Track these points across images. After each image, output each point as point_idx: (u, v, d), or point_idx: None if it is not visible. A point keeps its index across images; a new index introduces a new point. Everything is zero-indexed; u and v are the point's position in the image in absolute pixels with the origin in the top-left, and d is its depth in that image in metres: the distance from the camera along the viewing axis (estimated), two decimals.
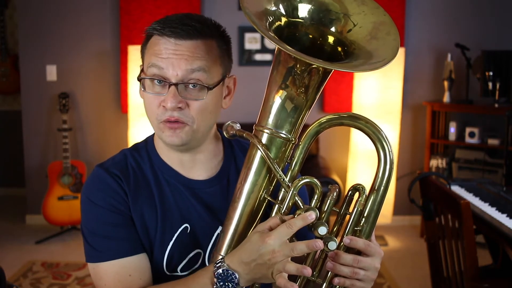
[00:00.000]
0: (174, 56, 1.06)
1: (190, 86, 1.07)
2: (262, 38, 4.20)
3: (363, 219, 0.99)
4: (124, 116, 4.22)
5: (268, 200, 1.04)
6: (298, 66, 0.97)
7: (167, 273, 1.14)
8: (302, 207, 0.96)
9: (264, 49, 4.22)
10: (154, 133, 1.21)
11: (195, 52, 1.06)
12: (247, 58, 4.23)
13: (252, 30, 4.16)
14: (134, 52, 3.83)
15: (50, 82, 4.25)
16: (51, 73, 4.24)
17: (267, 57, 4.23)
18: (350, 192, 1.02)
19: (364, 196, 1.00)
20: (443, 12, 4.25)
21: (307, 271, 0.92)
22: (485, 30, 4.21)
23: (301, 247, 0.93)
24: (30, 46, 4.21)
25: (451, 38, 4.14)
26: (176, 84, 1.05)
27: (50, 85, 4.25)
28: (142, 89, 1.10)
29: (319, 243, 0.92)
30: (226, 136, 1.09)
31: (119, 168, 1.15)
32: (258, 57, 4.23)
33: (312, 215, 0.93)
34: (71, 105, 4.23)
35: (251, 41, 4.21)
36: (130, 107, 3.93)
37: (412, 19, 4.26)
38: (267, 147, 1.00)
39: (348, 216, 1.01)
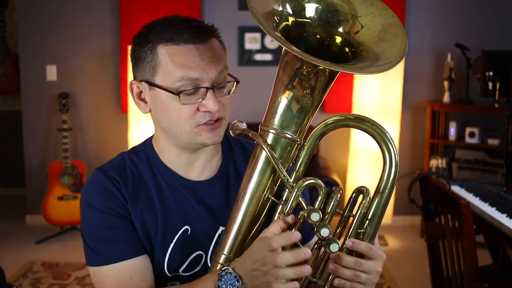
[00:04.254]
0: (202, 62, 1.05)
1: (221, 86, 1.08)
2: (262, 38, 4.20)
3: (367, 221, 0.99)
4: (124, 116, 4.21)
5: (272, 200, 1.04)
6: (304, 67, 0.96)
7: (169, 274, 1.14)
8: (305, 208, 0.96)
9: (264, 49, 4.22)
10: (152, 136, 1.20)
11: (216, 52, 1.07)
12: (247, 58, 4.22)
13: (252, 30, 4.16)
14: None
15: (50, 82, 4.24)
16: (51, 73, 4.23)
17: (267, 57, 4.23)
18: (354, 194, 1.01)
19: (368, 199, 0.99)
20: (443, 12, 4.25)
21: (306, 269, 0.92)
22: (485, 30, 4.21)
23: (286, 257, 0.92)
24: (30, 46, 4.20)
25: (451, 38, 4.14)
26: (212, 88, 1.06)
27: (50, 85, 4.24)
28: (181, 102, 1.05)
29: (307, 251, 0.91)
30: (232, 134, 1.09)
31: (117, 171, 1.14)
32: (258, 57, 4.23)
33: (296, 236, 0.93)
34: (71, 105, 4.22)
35: (251, 41, 4.21)
36: (130, 107, 3.93)
37: (412, 19, 4.26)
38: (272, 147, 1.00)
39: (351, 218, 1.00)
